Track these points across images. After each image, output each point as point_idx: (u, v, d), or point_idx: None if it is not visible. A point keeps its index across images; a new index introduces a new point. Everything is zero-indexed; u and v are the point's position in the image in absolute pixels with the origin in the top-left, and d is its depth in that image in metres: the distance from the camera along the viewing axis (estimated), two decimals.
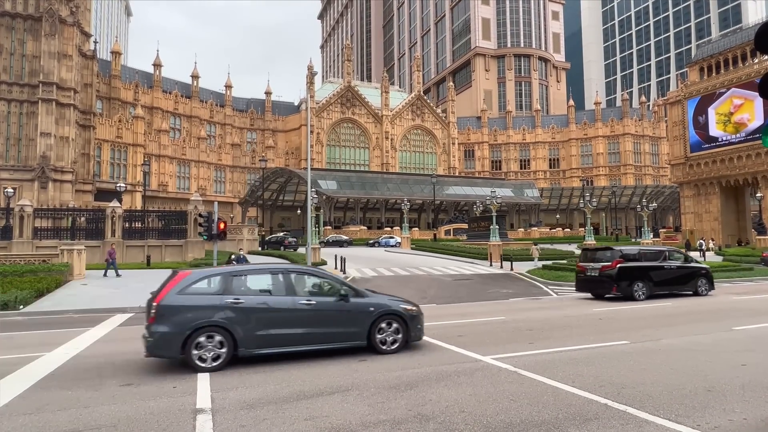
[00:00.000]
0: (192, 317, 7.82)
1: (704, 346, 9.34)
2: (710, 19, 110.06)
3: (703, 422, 5.36)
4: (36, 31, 47.57)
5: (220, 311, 7.96)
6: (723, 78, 53.64)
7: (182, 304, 7.90)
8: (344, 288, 9.11)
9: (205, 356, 7.80)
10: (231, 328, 7.92)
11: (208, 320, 7.86)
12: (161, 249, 33.07)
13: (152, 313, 7.83)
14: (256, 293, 8.45)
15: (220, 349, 7.89)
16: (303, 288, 8.79)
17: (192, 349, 7.75)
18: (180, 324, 7.75)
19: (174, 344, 7.72)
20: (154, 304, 7.87)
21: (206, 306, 7.97)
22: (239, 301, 8.11)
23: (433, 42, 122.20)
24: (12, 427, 5.59)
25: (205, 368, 7.74)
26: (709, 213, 56.34)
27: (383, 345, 8.84)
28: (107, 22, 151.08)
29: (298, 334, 8.39)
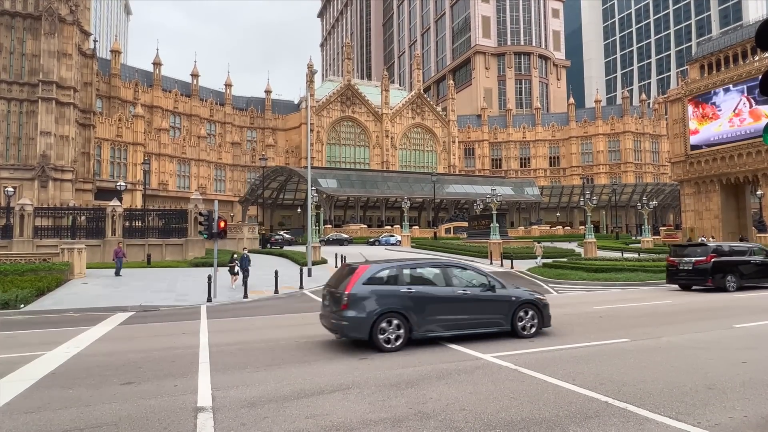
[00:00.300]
0: (377, 304, 9.03)
1: (704, 343, 9.35)
2: (711, 16, 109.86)
3: (704, 420, 5.36)
4: (35, 30, 47.52)
5: (397, 299, 9.18)
6: (723, 75, 53.56)
7: (368, 292, 9.09)
8: (491, 280, 10.25)
9: (389, 338, 9.02)
10: (407, 313, 9.15)
11: (389, 307, 9.08)
12: (162, 248, 33.10)
13: (344, 300, 8.95)
14: (422, 284, 9.66)
15: (398, 332, 9.09)
16: (458, 280, 9.97)
17: (377, 332, 8.95)
18: (368, 310, 8.96)
19: (364, 327, 8.91)
20: (345, 293, 9.01)
21: (386, 294, 9.19)
22: (411, 290, 9.35)
23: (433, 40, 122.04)
24: (14, 426, 5.60)
25: (389, 348, 8.93)
26: (710, 211, 56.33)
27: (524, 330, 10.00)
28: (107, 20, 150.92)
29: (456, 320, 9.62)
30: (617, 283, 21.66)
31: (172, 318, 14.59)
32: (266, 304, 17.66)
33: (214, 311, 15.77)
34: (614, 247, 45.90)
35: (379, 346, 8.90)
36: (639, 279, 22.20)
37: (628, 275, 22.73)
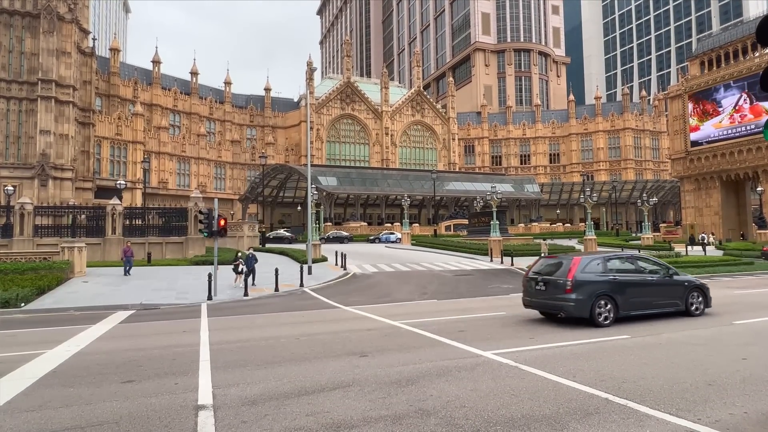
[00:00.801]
0: (593, 288, 10.90)
1: (704, 339, 9.35)
2: (711, 12, 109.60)
3: (704, 416, 5.37)
4: (34, 29, 47.41)
5: (607, 284, 11.09)
6: (724, 72, 53.49)
7: (586, 279, 10.98)
8: (669, 268, 12.16)
9: (606, 316, 10.88)
10: (614, 296, 11.03)
11: (602, 290, 10.98)
12: (162, 246, 33.10)
13: (568, 286, 10.86)
14: (622, 272, 11.55)
15: (608, 311, 10.93)
16: (644, 268, 12.01)
17: (596, 311, 10.80)
18: (588, 293, 10.82)
19: (585, 307, 10.77)
20: (569, 279, 10.91)
21: (599, 281, 11.08)
22: (616, 277, 11.27)
23: (433, 37, 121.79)
24: (15, 424, 5.61)
25: (604, 324, 10.78)
26: (710, 207, 56.33)
27: (696, 310, 11.86)
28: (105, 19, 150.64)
29: (646, 301, 11.52)
30: None
31: (172, 316, 14.60)
32: (267, 302, 17.67)
33: (214, 309, 15.78)
34: (614, 243, 45.88)
35: (597, 323, 10.75)
36: None
37: None
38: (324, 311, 14.92)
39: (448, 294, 18.52)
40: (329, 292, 19.58)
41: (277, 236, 54.59)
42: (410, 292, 19.32)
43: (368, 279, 24.03)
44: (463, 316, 12.97)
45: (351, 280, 23.78)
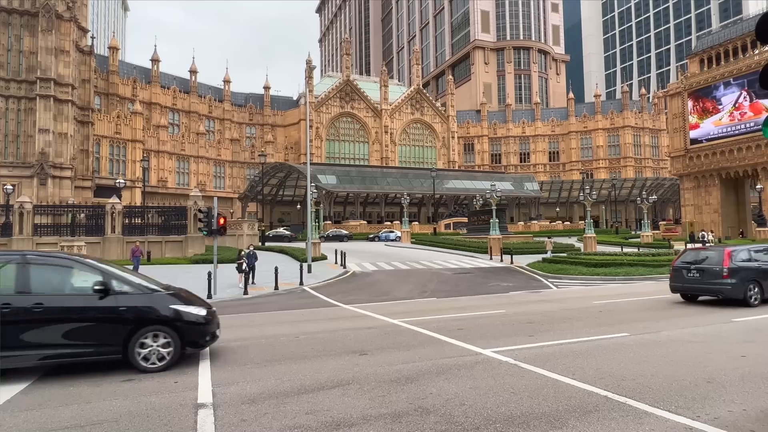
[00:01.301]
0: (745, 275, 13.03)
1: (703, 337, 9.37)
2: (710, 10, 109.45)
3: (703, 413, 5.37)
4: (33, 27, 47.30)
5: (754, 271, 13.22)
6: (723, 69, 53.44)
7: (738, 267, 13.12)
8: None
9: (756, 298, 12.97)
10: (761, 281, 13.11)
11: (752, 276, 13.09)
12: (161, 245, 33.10)
13: (725, 272, 12.93)
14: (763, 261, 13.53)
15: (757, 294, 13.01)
16: None
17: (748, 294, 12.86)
18: (741, 278, 12.94)
19: (740, 290, 12.85)
20: (725, 267, 12.97)
21: (748, 268, 13.24)
22: (761, 265, 13.40)
23: (432, 35, 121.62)
24: (15, 423, 5.61)
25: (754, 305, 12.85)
26: (709, 205, 56.35)
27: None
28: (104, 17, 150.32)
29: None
30: (617, 278, 21.68)
31: None
32: (266, 300, 17.67)
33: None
34: (614, 241, 45.95)
35: (749, 303, 12.78)
36: (638, 274, 22.23)
37: (627, 270, 22.75)
38: (324, 309, 14.93)
39: (448, 292, 18.53)
40: (329, 291, 19.58)
41: (276, 235, 54.59)
42: (410, 290, 19.33)
43: (368, 277, 24.03)
44: (462, 314, 12.98)
45: (351, 279, 23.78)
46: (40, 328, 7.13)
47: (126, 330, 7.45)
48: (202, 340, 8.08)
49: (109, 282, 7.56)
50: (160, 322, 7.62)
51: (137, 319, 7.50)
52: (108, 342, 7.44)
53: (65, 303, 7.37)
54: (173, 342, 7.63)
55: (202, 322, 7.97)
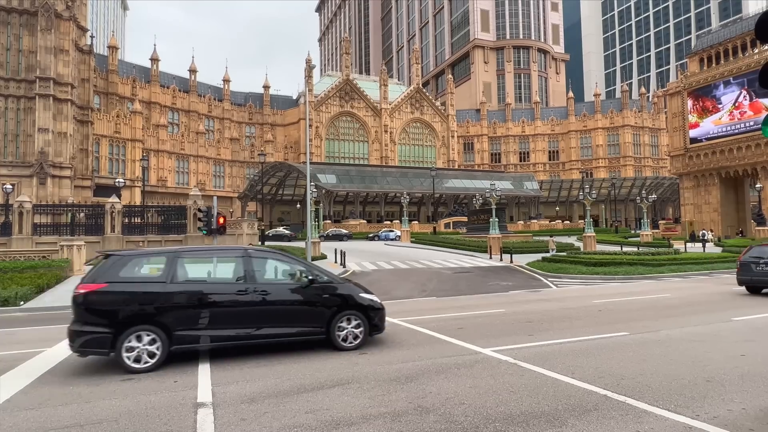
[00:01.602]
0: None
1: (703, 336, 9.37)
2: (710, 9, 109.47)
3: (702, 412, 5.38)
4: (32, 26, 47.25)
5: None
6: (723, 68, 53.45)
7: None
8: None
9: None
10: None
11: None
12: (161, 244, 32.99)
13: None
14: None
15: None
16: None
17: None
18: None
19: None
20: None
21: None
22: None
23: (432, 34, 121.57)
24: (14, 422, 5.61)
25: None
26: (709, 204, 56.37)
27: None
28: (104, 16, 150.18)
29: None
30: (617, 277, 21.70)
31: None
32: None
33: None
34: (613, 241, 45.96)
35: None
36: (638, 273, 22.24)
37: (627, 269, 22.76)
38: None
39: (448, 291, 18.53)
40: None
41: (276, 234, 54.58)
42: (409, 289, 19.33)
43: (367, 276, 24.03)
44: (462, 313, 12.98)
45: (350, 278, 23.77)
46: (268, 312, 8.31)
47: (329, 314, 8.60)
48: (381, 325, 9.19)
49: (313, 273, 8.79)
50: (353, 308, 8.80)
51: (337, 305, 8.67)
52: (316, 324, 8.58)
53: (282, 291, 8.59)
54: (363, 324, 8.81)
55: (381, 308, 9.21)
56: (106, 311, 7.56)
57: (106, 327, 7.46)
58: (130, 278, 7.86)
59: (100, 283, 7.66)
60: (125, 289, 7.72)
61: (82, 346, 7.49)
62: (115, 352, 7.45)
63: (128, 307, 7.58)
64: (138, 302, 7.64)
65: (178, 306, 7.77)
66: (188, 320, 7.78)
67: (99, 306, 7.57)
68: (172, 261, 8.06)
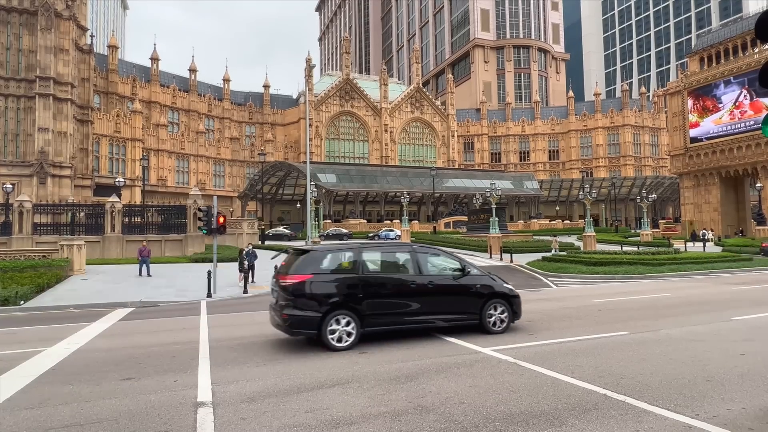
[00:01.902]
0: None
1: (702, 335, 9.37)
2: (710, 8, 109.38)
3: (702, 412, 5.38)
4: (32, 26, 47.25)
5: None
6: (723, 68, 53.41)
7: None
8: None
9: None
10: None
11: None
12: (161, 243, 33.07)
13: None
14: None
15: None
16: None
17: None
18: None
19: None
20: None
21: None
22: None
23: (432, 34, 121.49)
24: (14, 422, 5.61)
25: None
26: (709, 204, 56.35)
27: None
28: (103, 16, 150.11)
29: None
30: (617, 277, 21.70)
31: (172, 314, 14.61)
32: (266, 299, 17.57)
33: (214, 307, 15.79)
34: (613, 240, 45.96)
35: None
36: (638, 272, 22.24)
37: (627, 268, 22.76)
38: None
39: None
40: None
41: (276, 233, 54.57)
42: None
43: None
44: None
45: None
46: (434, 300, 9.42)
47: (481, 302, 9.71)
48: (519, 312, 10.19)
49: (465, 266, 9.93)
50: (499, 296, 9.89)
51: (487, 294, 9.78)
52: (470, 310, 9.69)
53: (444, 281, 9.60)
54: (507, 311, 9.87)
55: (518, 296, 10.26)
56: (313, 298, 8.63)
57: (313, 311, 8.57)
58: (329, 270, 9.08)
59: (306, 274, 8.77)
60: (326, 280, 8.86)
61: (293, 326, 8.61)
62: (320, 332, 8.54)
63: (330, 295, 8.70)
64: (337, 290, 8.79)
65: (367, 294, 8.93)
66: (375, 306, 8.96)
67: (307, 293, 8.64)
68: (359, 255, 9.29)
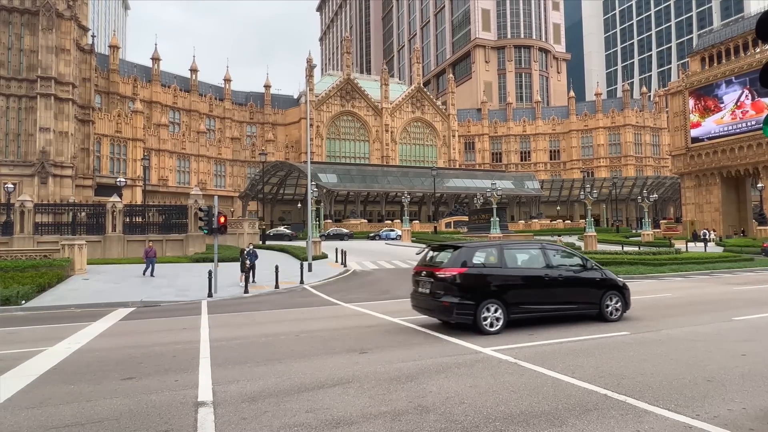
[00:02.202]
0: None
1: (703, 335, 9.36)
2: (712, 8, 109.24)
3: (703, 412, 5.38)
4: (33, 26, 47.32)
5: None
6: (725, 68, 53.35)
7: None
8: None
9: None
10: None
11: None
12: (162, 243, 33.09)
13: None
14: None
15: None
16: None
17: None
18: None
19: None
20: None
21: None
22: None
23: (433, 34, 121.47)
24: (15, 421, 5.62)
25: None
26: (710, 204, 56.29)
27: None
28: (105, 16, 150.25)
29: None
30: (617, 277, 21.64)
31: (172, 313, 14.63)
32: (267, 299, 17.69)
33: (214, 306, 15.81)
34: (614, 240, 45.92)
35: None
36: (639, 272, 22.22)
37: (628, 268, 22.74)
38: (324, 308, 14.94)
39: None
40: (329, 289, 19.59)
41: (277, 233, 54.60)
42: (411, 288, 19.29)
43: (368, 276, 24.05)
44: None
45: (351, 277, 23.79)
46: (563, 290, 10.55)
47: (600, 293, 10.83)
48: (629, 302, 11.19)
49: (587, 262, 11.17)
50: (613, 288, 10.98)
51: (605, 286, 10.88)
52: (592, 300, 10.78)
53: (570, 274, 10.71)
54: (620, 301, 10.96)
55: (628, 288, 11.30)
56: (470, 288, 9.71)
57: (470, 299, 9.63)
58: (479, 264, 10.13)
59: (461, 267, 9.82)
60: (479, 272, 9.97)
61: (452, 313, 9.66)
62: (475, 318, 9.58)
63: (482, 285, 9.81)
64: (487, 281, 9.89)
65: (512, 285, 10.04)
66: (518, 295, 10.08)
67: (463, 284, 9.69)
68: (501, 251, 10.40)
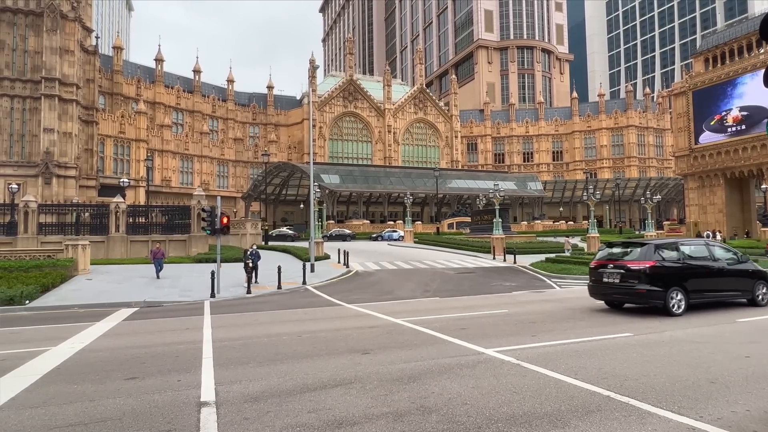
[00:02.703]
0: None
1: (707, 337, 9.33)
2: (715, 9, 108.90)
3: (706, 414, 5.36)
4: (37, 27, 47.52)
5: None
6: (728, 68, 53.14)
7: None
8: None
9: None
10: None
11: None
12: (165, 244, 33.13)
13: None
14: None
15: None
16: None
17: None
18: None
19: None
20: None
21: None
22: None
23: (436, 34, 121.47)
24: (19, 420, 5.65)
25: None
26: (714, 205, 56.06)
27: None
28: (108, 17, 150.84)
29: None
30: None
31: (175, 313, 14.66)
32: (269, 299, 17.71)
33: (217, 307, 15.84)
34: None
35: None
36: None
37: None
38: (326, 309, 14.95)
39: (451, 291, 18.52)
40: (332, 290, 19.61)
41: (280, 234, 54.67)
42: (412, 289, 19.32)
43: (371, 276, 24.05)
44: (465, 313, 12.97)
45: (353, 278, 23.81)
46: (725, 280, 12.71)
47: (751, 283, 13.01)
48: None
49: (741, 256, 13.35)
50: (761, 278, 13.16)
51: (755, 276, 13.08)
52: (746, 289, 12.97)
53: (729, 266, 12.80)
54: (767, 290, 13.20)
55: None
56: (660, 277, 11.68)
57: (660, 287, 11.61)
58: (663, 258, 12.04)
59: (652, 260, 11.84)
60: (665, 264, 11.95)
61: (647, 298, 11.69)
62: (665, 302, 11.54)
63: (668, 275, 11.80)
64: (673, 272, 11.90)
65: (689, 274, 12.03)
66: (695, 284, 12.05)
67: (655, 274, 11.65)
68: (678, 247, 12.59)
